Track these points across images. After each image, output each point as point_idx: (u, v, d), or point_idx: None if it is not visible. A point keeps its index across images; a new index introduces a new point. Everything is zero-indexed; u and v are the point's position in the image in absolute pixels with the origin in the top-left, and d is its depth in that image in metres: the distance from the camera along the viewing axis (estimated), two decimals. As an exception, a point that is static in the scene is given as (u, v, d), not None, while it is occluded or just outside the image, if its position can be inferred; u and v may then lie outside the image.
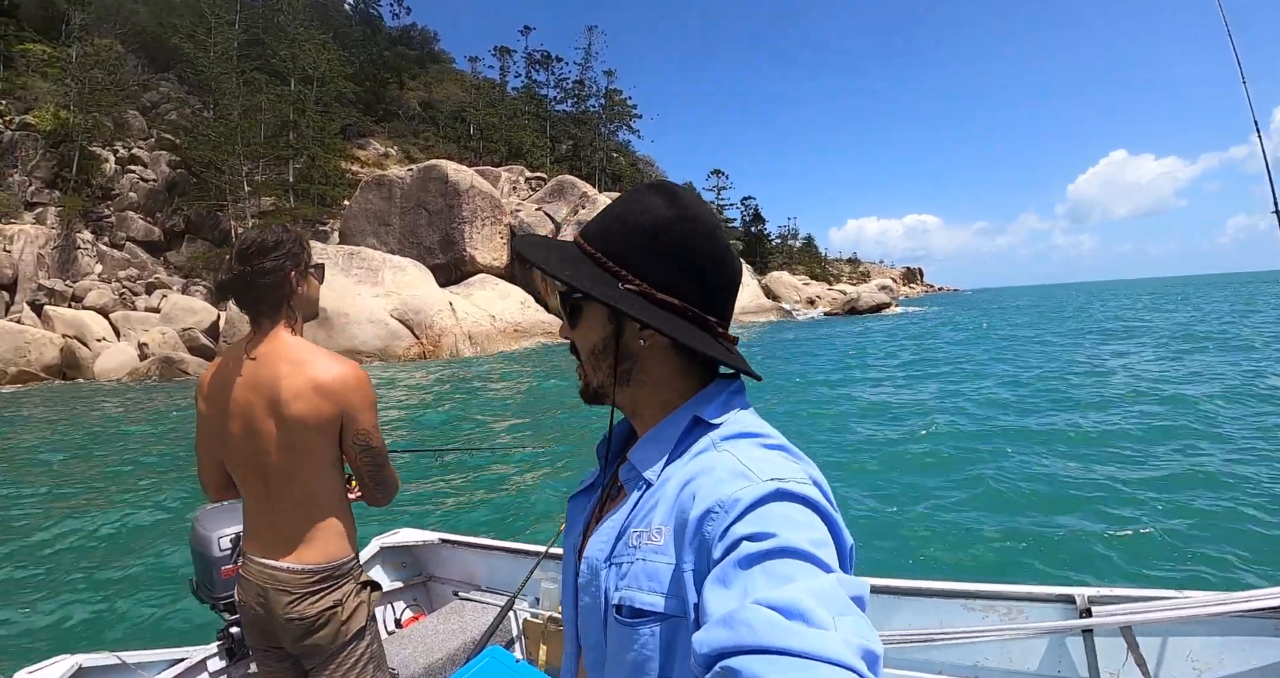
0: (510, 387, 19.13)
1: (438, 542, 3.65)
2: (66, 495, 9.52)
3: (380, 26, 76.75)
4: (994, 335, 27.64)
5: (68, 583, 6.22)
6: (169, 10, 58.16)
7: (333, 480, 1.95)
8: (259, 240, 1.92)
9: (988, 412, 11.47)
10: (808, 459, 0.84)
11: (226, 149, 43.81)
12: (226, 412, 1.90)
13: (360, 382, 1.90)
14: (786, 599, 0.61)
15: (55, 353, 28.95)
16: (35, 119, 41.86)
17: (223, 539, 2.48)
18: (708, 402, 0.92)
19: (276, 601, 1.89)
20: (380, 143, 59.52)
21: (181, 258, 42.27)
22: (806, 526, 0.71)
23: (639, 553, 0.82)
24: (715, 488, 0.77)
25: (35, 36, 48.93)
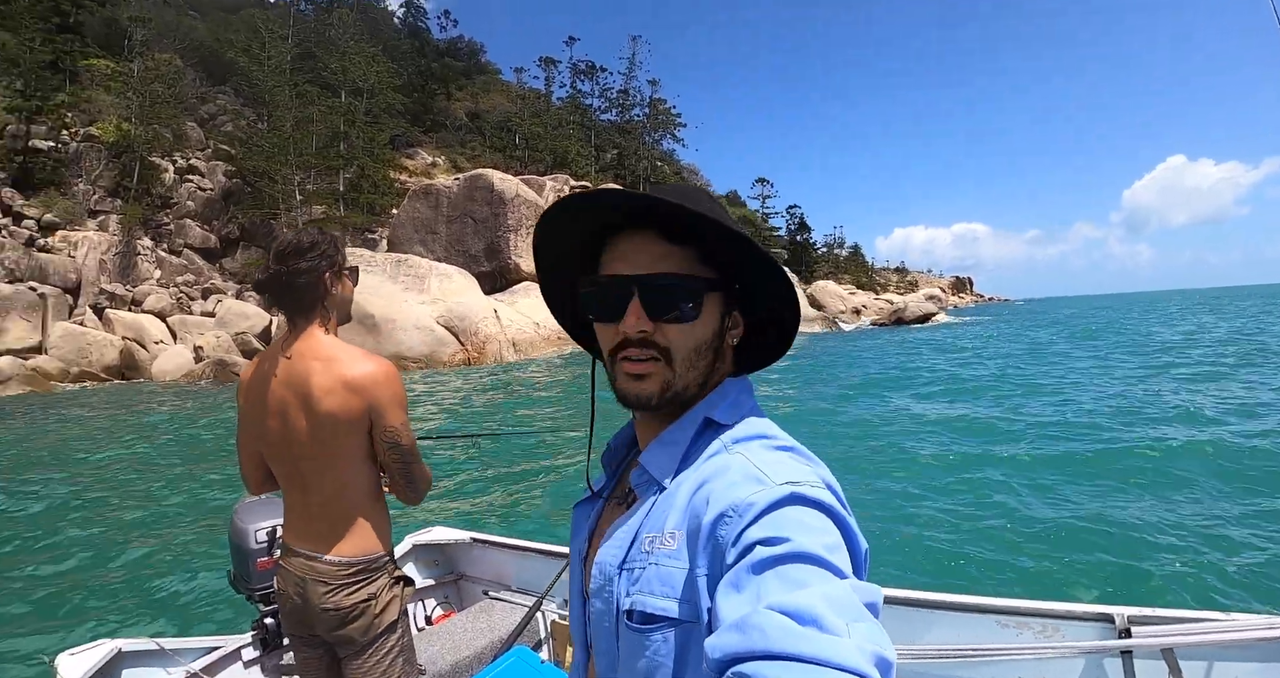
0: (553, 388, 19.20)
1: (469, 541, 3.67)
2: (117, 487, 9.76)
3: (428, 39, 78.04)
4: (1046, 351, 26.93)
5: (111, 570, 6.37)
6: (226, 26, 59.87)
7: (367, 476, 2.01)
8: (295, 242, 1.98)
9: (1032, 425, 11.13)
10: (819, 461, 0.84)
11: (280, 159, 44.83)
12: (265, 409, 1.97)
13: (389, 378, 1.95)
14: (800, 605, 0.60)
15: (115, 354, 29.92)
16: (99, 131, 43.29)
17: (259, 532, 2.54)
18: (719, 402, 0.91)
19: (314, 591, 1.95)
20: (428, 152, 60.45)
21: (236, 264, 43.30)
22: (820, 530, 0.70)
23: (652, 558, 0.81)
24: (728, 492, 0.76)
25: (99, 52, 50.70)
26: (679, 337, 0.87)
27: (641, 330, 0.86)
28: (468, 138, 65.32)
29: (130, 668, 2.73)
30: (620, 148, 71.54)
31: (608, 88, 78.17)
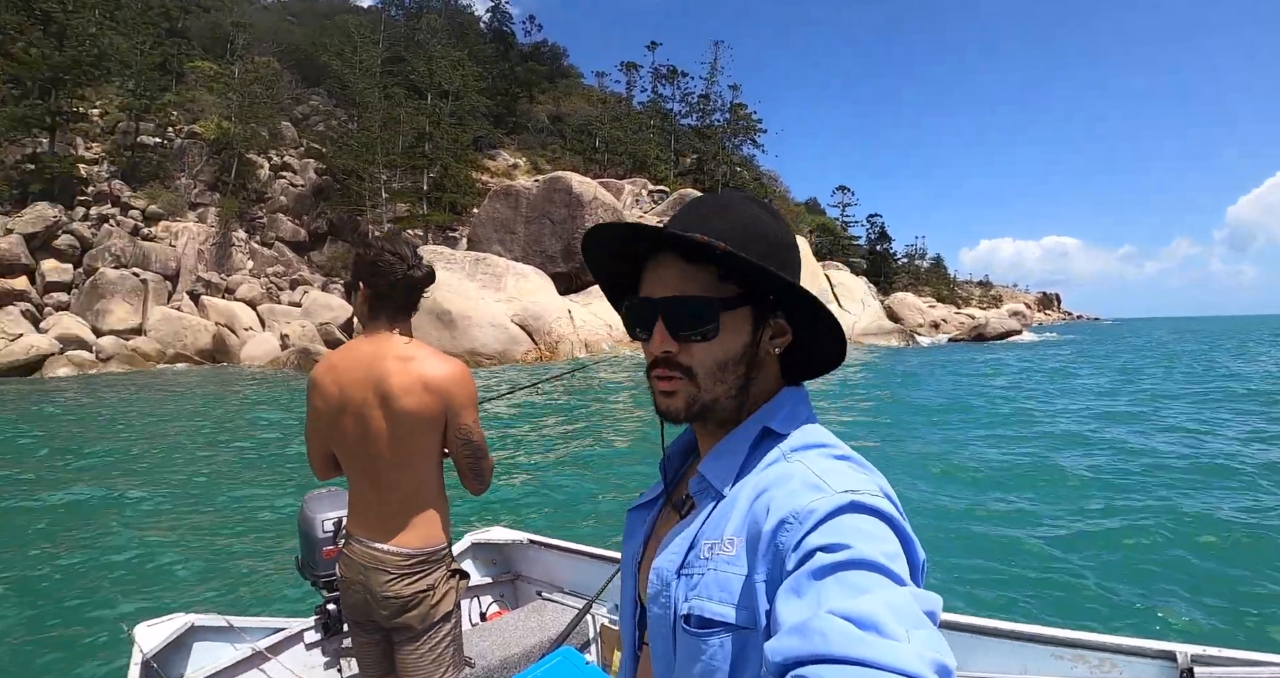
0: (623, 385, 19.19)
1: (526, 542, 3.73)
2: (199, 465, 10.10)
3: (513, 43, 79.44)
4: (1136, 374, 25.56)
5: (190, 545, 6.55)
6: (321, 31, 62.08)
7: (435, 472, 2.10)
8: (413, 250, 2.12)
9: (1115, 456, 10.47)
10: (876, 470, 0.85)
11: (368, 158, 46.23)
12: (341, 407, 2.04)
13: (465, 379, 2.06)
14: (860, 610, 0.61)
15: (208, 339, 31.43)
16: (201, 129, 45.48)
17: (326, 522, 2.64)
18: (777, 411, 0.92)
19: (376, 579, 2.04)
20: (509, 154, 61.47)
21: (323, 257, 44.83)
22: (880, 538, 0.71)
23: (711, 564, 0.82)
24: (789, 499, 0.77)
25: (203, 55, 53.36)
26: (701, 355, 0.89)
27: (666, 350, 0.90)
28: (549, 140, 66.16)
29: (201, 642, 2.87)
30: (700, 152, 71.36)
31: (688, 92, 78.31)
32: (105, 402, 17.87)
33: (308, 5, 77.96)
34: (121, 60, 44.12)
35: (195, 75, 50.38)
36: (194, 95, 48.00)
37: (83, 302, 32.13)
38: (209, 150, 44.67)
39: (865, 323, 45.56)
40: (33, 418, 14.85)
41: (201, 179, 43.68)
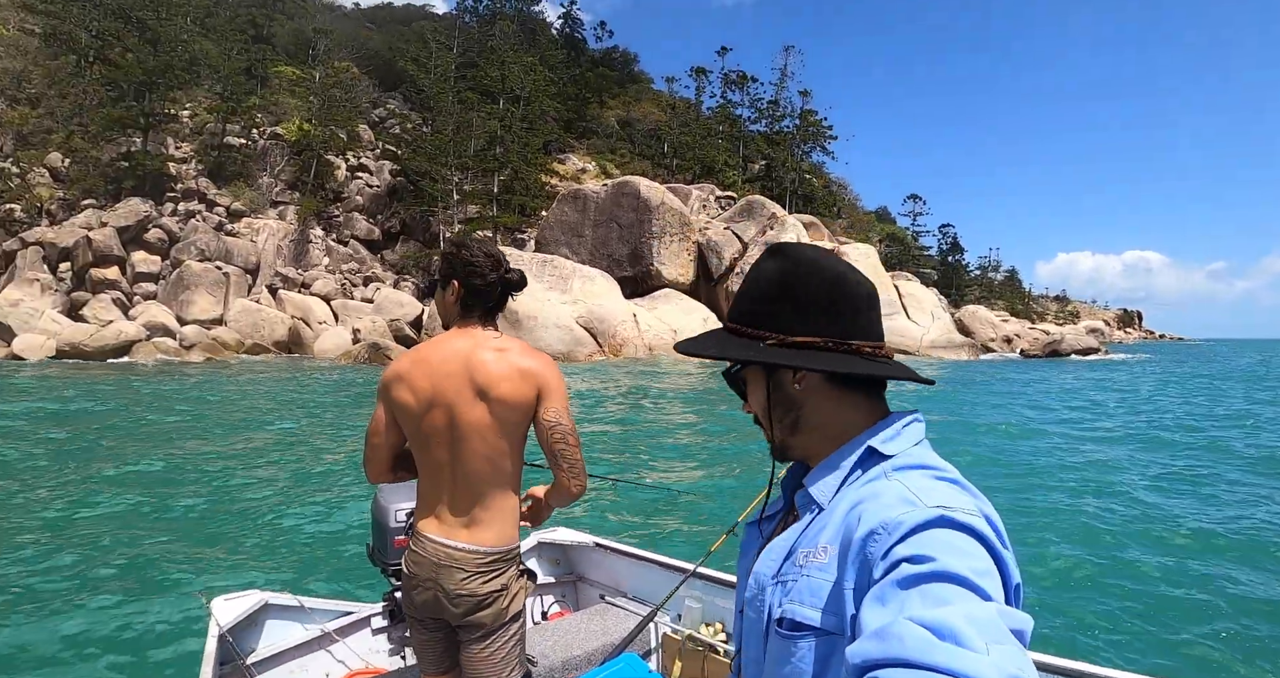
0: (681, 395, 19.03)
1: (592, 545, 3.74)
2: (282, 449, 10.29)
3: (584, 48, 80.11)
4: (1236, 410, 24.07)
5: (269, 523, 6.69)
6: (398, 37, 63.68)
7: (516, 469, 2.09)
8: (500, 253, 2.16)
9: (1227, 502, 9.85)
10: (982, 496, 0.85)
11: (440, 160, 47.10)
12: (432, 402, 2.02)
13: (554, 369, 2.09)
14: (940, 619, 0.61)
15: (284, 331, 32.45)
16: (283, 130, 47.08)
17: (399, 512, 2.66)
18: (881, 432, 0.96)
19: (450, 577, 2.01)
20: (579, 158, 61.92)
21: (395, 256, 45.82)
22: (969, 553, 0.71)
23: (805, 570, 0.86)
24: (880, 511, 0.80)
25: (286, 60, 55.20)
26: (754, 407, 1.06)
27: (747, 411, 1.08)
28: (618, 145, 66.40)
29: (274, 620, 2.98)
30: (769, 159, 70.68)
31: (758, 98, 77.61)
32: (190, 385, 18.48)
33: (386, 12, 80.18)
34: (210, 65, 46.04)
35: (279, 79, 52.20)
36: (277, 98, 49.74)
37: (169, 292, 33.46)
38: (290, 151, 46.19)
39: (934, 335, 44.41)
40: (126, 395, 15.43)
41: (282, 178, 45.17)
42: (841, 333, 0.96)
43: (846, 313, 0.97)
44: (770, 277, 1.00)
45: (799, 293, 0.98)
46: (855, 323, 0.98)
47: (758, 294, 1.01)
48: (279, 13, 63.98)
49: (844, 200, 79.71)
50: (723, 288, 39.72)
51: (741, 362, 1.03)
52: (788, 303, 0.98)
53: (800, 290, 0.98)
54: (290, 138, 46.63)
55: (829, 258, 1.00)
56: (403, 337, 32.34)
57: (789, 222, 41.59)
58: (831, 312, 0.97)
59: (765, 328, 0.98)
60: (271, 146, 46.23)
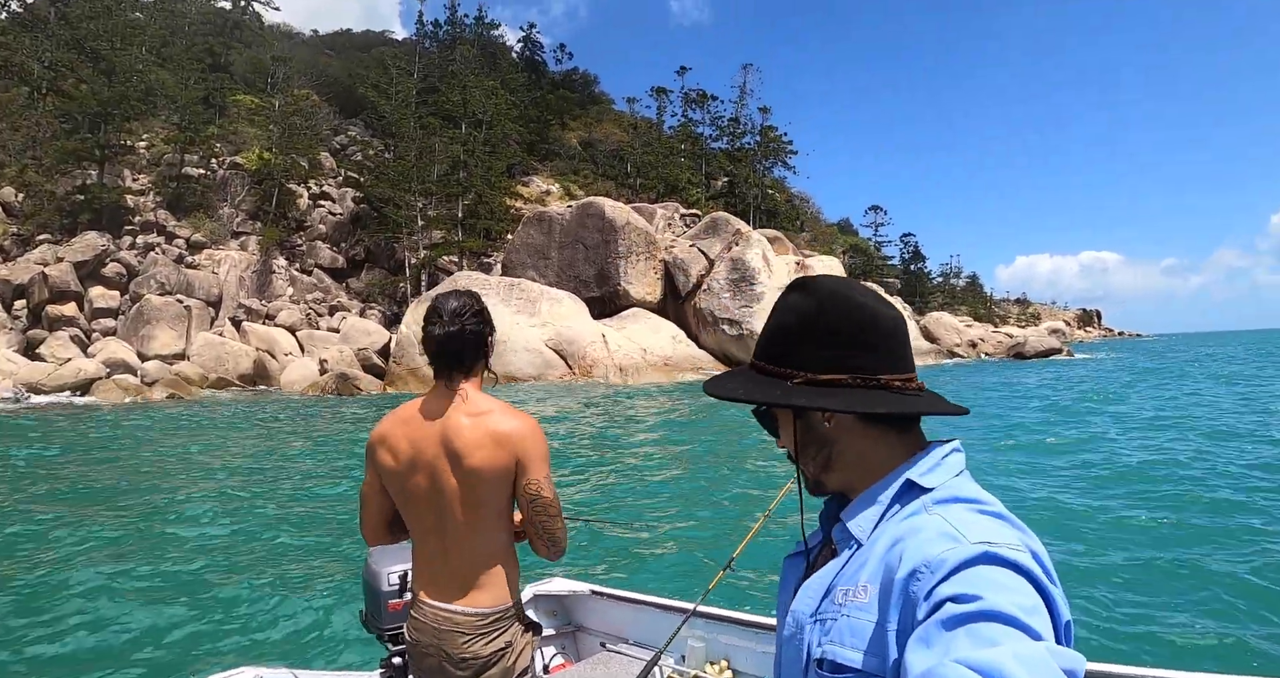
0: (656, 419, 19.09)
1: (589, 593, 3.70)
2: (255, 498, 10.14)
3: (544, 71, 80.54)
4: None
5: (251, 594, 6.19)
6: (358, 63, 63.55)
7: (505, 531, 2.07)
8: (470, 305, 2.08)
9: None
10: (1028, 530, 0.83)
11: (404, 186, 46.92)
12: (413, 465, 2.00)
13: (535, 434, 2.01)
14: (988, 661, 0.59)
15: (249, 364, 31.96)
16: (243, 160, 46.66)
17: (391, 575, 2.60)
18: (920, 465, 0.93)
19: (452, 641, 2.00)
20: (542, 180, 62.06)
21: (361, 284, 45.49)
22: (1015, 590, 0.69)
23: (844, 610, 0.83)
24: (922, 548, 0.77)
25: (245, 89, 54.85)
26: (788, 447, 1.03)
27: (781, 448, 1.05)
28: (581, 166, 66.67)
29: None
30: (731, 175, 71.42)
31: (719, 116, 78.48)
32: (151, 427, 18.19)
33: (345, 38, 79.97)
34: (167, 95, 45.59)
35: (237, 108, 51.78)
36: (236, 127, 49.29)
37: (129, 327, 32.86)
38: (250, 180, 45.74)
39: (901, 345, 45.01)
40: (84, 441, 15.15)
41: (243, 208, 44.69)
42: (870, 367, 0.94)
43: (875, 347, 0.95)
44: (794, 312, 0.98)
45: (823, 328, 0.96)
46: (884, 356, 0.95)
47: (782, 331, 0.99)
48: (236, 41, 63.56)
49: (807, 214, 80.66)
50: (690, 305, 39.94)
51: (767, 405, 0.99)
52: (812, 340, 0.96)
53: (825, 326, 0.96)
54: (250, 167, 46.18)
55: (854, 290, 0.99)
56: (371, 366, 32.10)
57: (754, 237, 41.96)
58: (858, 346, 0.95)
59: (791, 366, 0.96)
60: (231, 176, 45.76)
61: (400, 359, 31.28)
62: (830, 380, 0.94)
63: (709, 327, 38.67)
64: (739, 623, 3.20)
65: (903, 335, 0.98)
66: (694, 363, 35.54)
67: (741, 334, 37.31)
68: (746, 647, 3.16)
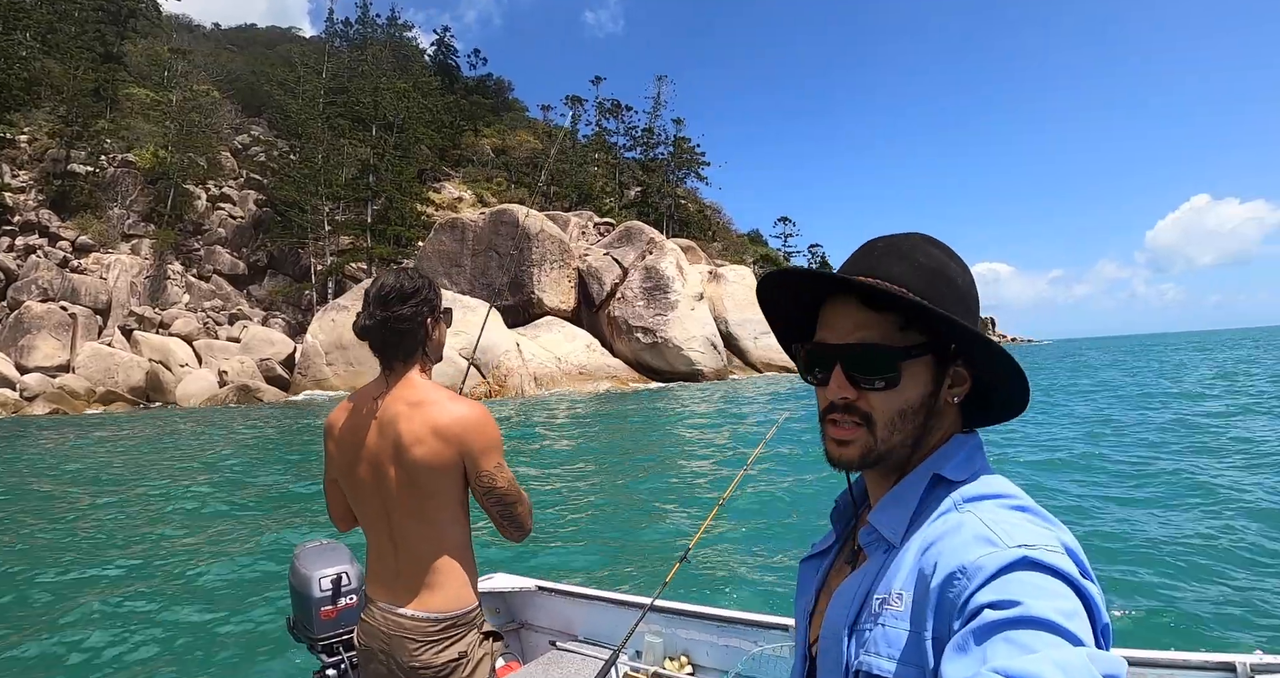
0: (576, 431, 19.12)
1: (534, 589, 3.52)
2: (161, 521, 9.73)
3: (458, 76, 79.60)
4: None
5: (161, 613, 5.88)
6: (263, 60, 61.44)
7: (458, 525, 1.93)
8: (398, 287, 1.90)
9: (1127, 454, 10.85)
10: (1060, 524, 0.80)
11: (310, 190, 45.65)
12: (356, 456, 1.91)
13: (481, 423, 1.86)
14: (1027, 670, 0.58)
15: (141, 376, 30.28)
16: (136, 157, 44.40)
17: (323, 580, 2.43)
18: (948, 459, 0.88)
19: (401, 648, 1.87)
20: (454, 187, 61.27)
21: (263, 291, 43.92)
22: (1054, 594, 0.67)
23: (880, 619, 0.80)
24: (958, 553, 0.74)
25: (139, 82, 52.19)
26: (880, 403, 0.86)
27: (844, 397, 0.87)
28: (494, 173, 66.20)
29: None
30: (644, 185, 72.12)
31: (633, 126, 79.16)
32: (28, 449, 17.13)
33: (249, 33, 77.29)
34: (53, 85, 43.02)
35: (130, 102, 49.28)
36: (129, 123, 46.93)
37: (7, 337, 30.83)
38: (143, 180, 43.61)
39: (808, 352, 46.40)
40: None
41: (135, 209, 42.52)
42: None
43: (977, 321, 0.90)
44: (940, 262, 0.89)
45: (965, 287, 0.89)
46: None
47: (943, 275, 0.88)
48: (131, 30, 60.33)
49: (718, 224, 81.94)
50: (604, 314, 40.09)
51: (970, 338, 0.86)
52: (959, 294, 0.88)
53: (965, 285, 0.89)
54: (144, 165, 44.01)
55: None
56: (274, 377, 31.01)
57: (668, 246, 42.44)
58: (975, 315, 0.90)
59: (954, 311, 0.85)
60: (123, 175, 43.49)
61: (306, 370, 30.35)
62: (989, 341, 0.85)
63: (623, 335, 38.88)
64: (699, 617, 3.10)
65: None
66: (609, 372, 35.67)
67: (655, 343, 37.68)
68: (707, 640, 3.07)
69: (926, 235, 0.92)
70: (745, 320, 44.38)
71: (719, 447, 14.07)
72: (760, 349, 43.95)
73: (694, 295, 40.41)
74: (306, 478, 11.49)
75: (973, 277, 0.91)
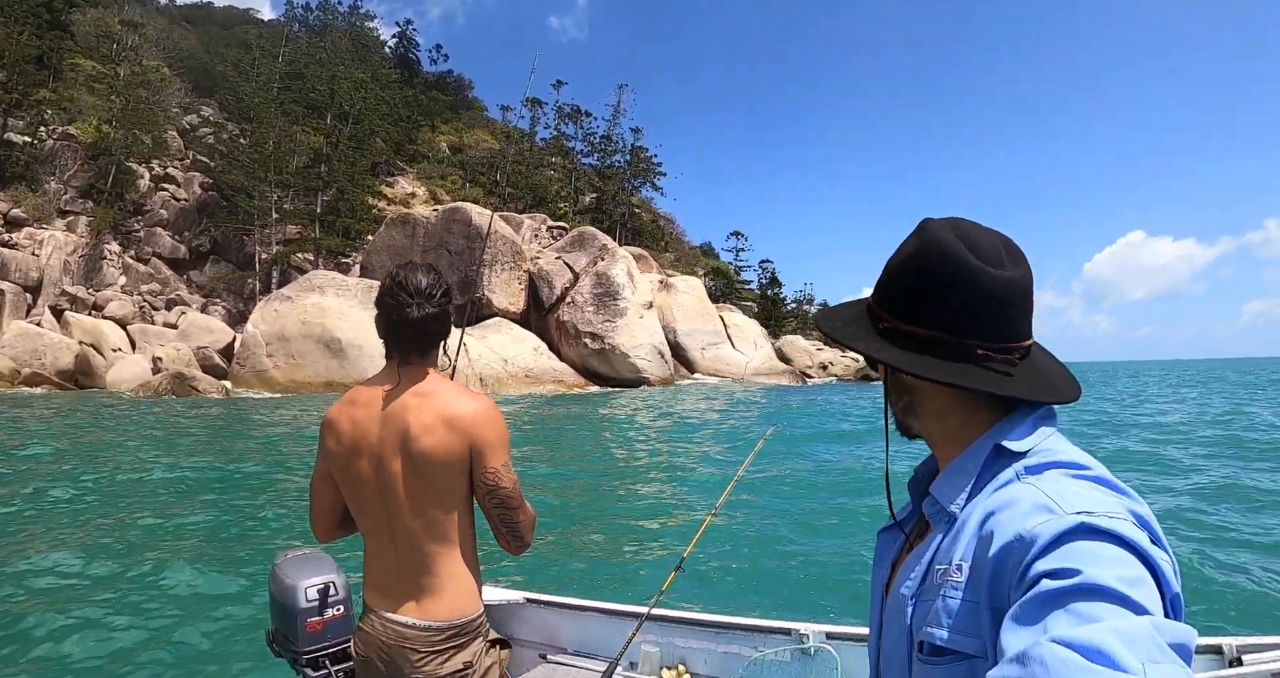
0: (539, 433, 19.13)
1: (523, 601, 3.38)
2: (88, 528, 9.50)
3: (418, 70, 78.78)
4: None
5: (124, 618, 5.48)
6: (218, 39, 60.01)
7: (462, 527, 1.86)
8: (435, 283, 1.88)
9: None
10: (1133, 493, 0.78)
11: (259, 175, 44.68)
12: (357, 449, 1.84)
13: (492, 416, 1.82)
14: (1088, 639, 0.57)
15: (70, 359, 29.22)
16: (78, 131, 42.96)
17: (310, 589, 2.25)
18: (1011, 429, 0.88)
19: (403, 658, 1.80)
20: (408, 182, 60.60)
21: (204, 277, 42.83)
22: (1115, 561, 0.65)
23: (942, 590, 0.80)
24: (1014, 522, 0.73)
25: (86, 52, 50.44)
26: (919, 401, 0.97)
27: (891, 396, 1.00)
28: (449, 170, 65.61)
29: None
30: (600, 192, 72.24)
31: (591, 132, 79.25)
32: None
33: (205, 11, 75.40)
34: (-8, 49, 41.37)
35: (76, 74, 47.56)
36: (73, 94, 45.29)
37: (-73, 311, 29.60)
38: (85, 155, 42.23)
39: (758, 363, 47.18)
40: None
41: (74, 185, 41.12)
42: (958, 329, 0.88)
43: (968, 308, 0.88)
44: (900, 252, 0.94)
45: (920, 277, 0.90)
46: (981, 321, 0.88)
47: (887, 271, 0.96)
48: None
49: (671, 235, 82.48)
50: (553, 318, 40.08)
51: (837, 342, 0.96)
52: (905, 285, 0.92)
53: (921, 273, 0.90)
54: (86, 139, 42.60)
55: (966, 240, 0.90)
56: (211, 366, 30.24)
57: (620, 253, 42.64)
58: (948, 304, 0.89)
59: (883, 309, 0.94)
60: (63, 148, 42.03)
61: (245, 361, 29.72)
62: (908, 332, 0.90)
63: (571, 340, 38.93)
64: (695, 624, 3.03)
65: (1013, 300, 0.89)
66: (555, 376, 35.69)
67: (603, 348, 37.81)
68: (704, 648, 3.00)
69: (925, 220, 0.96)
70: (694, 330, 44.85)
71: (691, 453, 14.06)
72: (707, 360, 44.45)
73: (644, 304, 40.70)
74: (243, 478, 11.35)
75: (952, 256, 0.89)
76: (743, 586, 5.93)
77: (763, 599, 5.55)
